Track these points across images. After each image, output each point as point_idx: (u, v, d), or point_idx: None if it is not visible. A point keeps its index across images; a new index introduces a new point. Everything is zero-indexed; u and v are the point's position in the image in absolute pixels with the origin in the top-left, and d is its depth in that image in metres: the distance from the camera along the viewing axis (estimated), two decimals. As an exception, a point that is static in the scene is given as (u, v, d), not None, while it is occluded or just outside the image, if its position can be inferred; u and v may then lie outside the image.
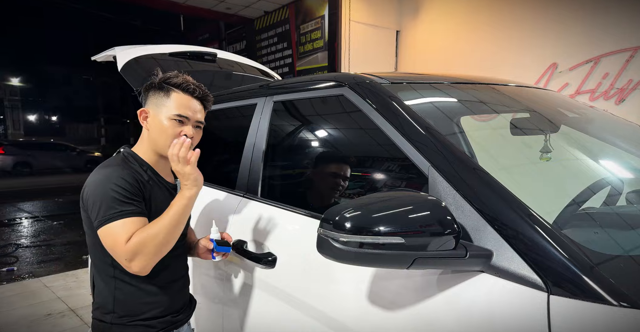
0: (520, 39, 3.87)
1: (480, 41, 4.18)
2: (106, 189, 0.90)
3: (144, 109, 1.03)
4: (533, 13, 3.78)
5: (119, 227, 0.88)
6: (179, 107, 1.00)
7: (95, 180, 0.94)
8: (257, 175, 1.27)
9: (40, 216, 6.02)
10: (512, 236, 0.65)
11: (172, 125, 0.99)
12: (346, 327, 0.83)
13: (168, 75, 1.03)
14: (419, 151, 0.83)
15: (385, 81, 1.09)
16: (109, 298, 0.97)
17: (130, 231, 0.88)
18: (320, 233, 0.70)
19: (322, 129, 1.31)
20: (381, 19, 4.89)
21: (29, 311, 2.70)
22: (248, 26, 6.36)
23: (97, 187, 0.92)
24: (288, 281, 1.00)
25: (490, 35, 4.09)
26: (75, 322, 2.52)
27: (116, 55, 1.98)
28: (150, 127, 1.01)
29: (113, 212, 0.88)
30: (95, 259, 0.99)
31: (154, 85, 1.03)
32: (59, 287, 3.11)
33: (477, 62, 4.18)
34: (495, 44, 4.05)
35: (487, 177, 0.74)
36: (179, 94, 1.01)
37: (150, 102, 1.02)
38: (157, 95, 1.02)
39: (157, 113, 1.01)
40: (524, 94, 1.29)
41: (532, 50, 3.78)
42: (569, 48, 3.56)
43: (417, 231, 0.65)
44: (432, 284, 0.72)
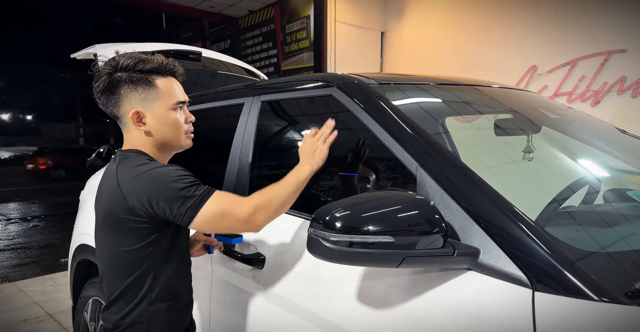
0: (503, 42, 3.97)
1: (463, 43, 4.26)
2: (175, 181, 0.81)
3: (135, 110, 0.88)
4: (515, 17, 3.89)
5: (222, 195, 0.83)
6: (174, 92, 0.90)
7: (156, 178, 0.81)
8: (244, 175, 1.26)
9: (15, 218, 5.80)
10: (498, 234, 0.66)
11: (178, 115, 0.91)
12: (336, 326, 0.84)
13: (135, 63, 0.87)
14: (407, 151, 0.84)
15: (373, 82, 1.10)
16: (144, 317, 0.86)
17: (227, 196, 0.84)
18: (311, 233, 0.70)
19: (310, 128, 1.31)
20: (366, 20, 4.93)
21: (3, 316, 2.59)
22: (232, 25, 6.29)
23: (166, 183, 0.81)
24: (277, 281, 0.99)
25: (473, 37, 4.19)
26: (53, 327, 2.43)
27: (97, 53, 1.92)
28: (151, 126, 0.89)
29: (200, 193, 0.81)
30: (127, 275, 0.86)
31: (125, 80, 0.86)
32: (35, 292, 3.00)
33: (461, 64, 4.27)
34: (478, 46, 4.15)
35: (473, 176, 0.75)
36: (163, 80, 0.89)
37: (134, 101, 0.87)
38: (137, 89, 0.87)
39: (153, 109, 0.88)
40: (507, 95, 1.32)
41: (514, 53, 3.89)
42: (548, 51, 3.68)
43: (406, 230, 0.65)
44: (421, 282, 0.73)
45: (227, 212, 0.83)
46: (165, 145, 0.93)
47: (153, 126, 0.90)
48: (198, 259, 1.24)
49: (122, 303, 0.87)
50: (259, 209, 0.83)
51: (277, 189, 0.88)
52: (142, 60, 0.88)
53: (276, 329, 0.97)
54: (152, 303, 0.87)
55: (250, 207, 0.83)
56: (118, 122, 0.93)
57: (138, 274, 0.86)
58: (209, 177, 1.49)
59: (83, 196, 1.92)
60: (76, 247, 1.80)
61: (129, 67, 0.87)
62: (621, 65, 3.31)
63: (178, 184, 0.81)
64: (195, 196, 0.81)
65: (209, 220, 0.82)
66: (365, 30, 4.94)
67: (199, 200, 0.81)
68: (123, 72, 0.87)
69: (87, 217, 1.80)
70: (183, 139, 0.95)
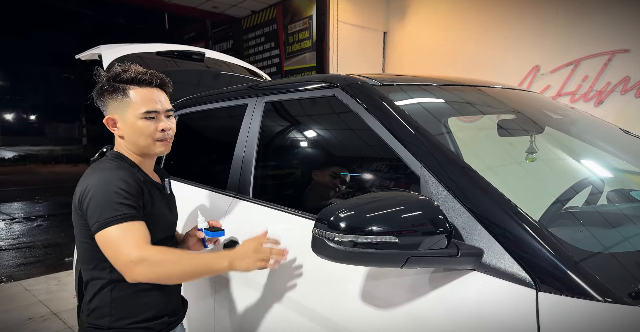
0: (505, 42, 3.97)
1: (465, 43, 4.26)
2: (108, 191, 0.86)
3: (109, 117, 0.96)
4: (517, 16, 3.88)
5: (129, 230, 0.84)
6: (144, 103, 0.94)
7: (95, 182, 0.88)
8: (248, 175, 1.27)
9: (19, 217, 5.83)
10: (502, 235, 0.67)
11: (146, 125, 0.94)
12: (340, 326, 0.84)
13: (115, 73, 0.95)
14: (410, 152, 0.85)
15: (377, 83, 1.10)
16: (106, 301, 0.93)
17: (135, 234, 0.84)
18: (315, 233, 0.71)
19: (314, 129, 1.32)
20: (369, 20, 4.93)
21: (8, 315, 2.61)
22: (235, 25, 6.31)
23: (98, 189, 0.87)
24: (281, 281, 1.00)
25: (475, 37, 4.18)
26: (58, 325, 2.45)
27: (102, 53, 1.94)
28: (123, 132, 0.96)
29: (116, 214, 0.84)
30: (88, 263, 0.94)
31: (106, 88, 0.95)
32: (40, 291, 3.02)
33: (462, 64, 4.26)
34: (481, 46, 4.14)
35: (477, 177, 0.75)
36: (137, 90, 0.95)
37: (112, 108, 0.96)
38: (114, 98, 0.95)
39: (124, 116, 0.95)
40: (510, 96, 1.32)
41: (516, 53, 3.88)
42: (551, 51, 3.67)
43: (410, 230, 0.66)
44: (425, 283, 0.73)
45: (117, 246, 0.84)
46: (138, 149, 0.98)
47: (125, 132, 0.97)
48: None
49: (90, 288, 0.94)
50: (145, 263, 0.82)
51: (181, 258, 0.86)
52: (124, 71, 0.95)
53: (279, 328, 0.98)
54: (113, 289, 0.92)
55: (137, 256, 0.82)
56: None
57: (97, 262, 0.92)
58: (214, 176, 1.50)
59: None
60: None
61: (112, 77, 0.95)
62: (625, 65, 3.30)
63: (112, 196, 0.86)
64: (112, 216, 0.84)
65: (103, 242, 0.85)
66: (367, 30, 4.94)
67: (111, 220, 0.84)
68: (109, 81, 0.96)
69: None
70: (154, 146, 0.98)
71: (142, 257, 0.82)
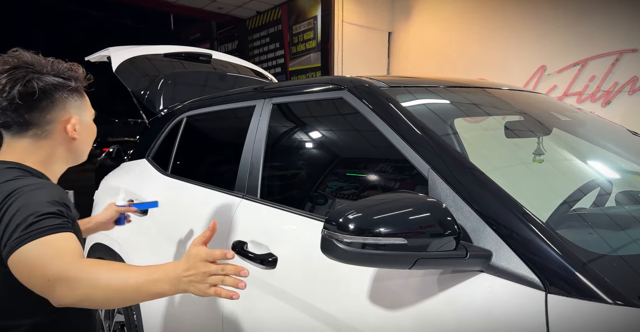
0: (511, 42, 3.95)
1: (471, 43, 4.25)
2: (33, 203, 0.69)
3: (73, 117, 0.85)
4: (523, 16, 3.86)
5: (55, 240, 0.67)
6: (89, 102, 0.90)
7: (17, 197, 0.70)
8: (256, 176, 1.28)
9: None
10: (510, 236, 0.67)
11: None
12: (348, 326, 0.85)
13: (63, 70, 0.84)
14: (418, 154, 0.85)
15: (384, 85, 1.11)
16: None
17: (68, 246, 0.68)
18: (325, 234, 0.71)
19: (321, 131, 1.33)
20: (373, 20, 4.93)
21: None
22: (240, 26, 6.33)
23: (19, 203, 0.69)
24: (289, 281, 1.01)
25: (481, 38, 4.17)
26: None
27: (111, 55, 1.96)
28: (80, 134, 0.87)
29: (47, 226, 0.67)
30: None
31: (63, 86, 0.83)
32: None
33: (468, 64, 4.25)
34: (486, 46, 4.13)
35: (485, 178, 0.76)
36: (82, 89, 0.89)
37: (71, 108, 0.85)
38: (73, 97, 0.86)
39: (82, 117, 0.88)
40: (517, 97, 1.33)
41: (522, 53, 3.86)
42: (557, 51, 3.65)
43: (419, 232, 0.67)
44: (433, 284, 0.74)
45: (42, 265, 0.65)
46: (76, 155, 0.92)
47: (80, 134, 0.90)
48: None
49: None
50: (68, 281, 0.64)
51: (110, 278, 0.66)
52: (70, 69, 0.88)
53: (288, 328, 0.99)
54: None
55: (60, 272, 0.64)
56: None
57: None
58: (221, 177, 1.52)
59: (97, 196, 1.95)
60: (91, 246, 1.84)
61: (67, 75, 0.87)
62: (632, 65, 3.27)
63: (39, 207, 0.69)
64: (21, 235, 0.66)
65: (29, 261, 0.65)
66: (372, 30, 4.94)
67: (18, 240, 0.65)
68: (70, 82, 0.88)
69: (101, 217, 1.83)
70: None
71: (61, 274, 0.64)
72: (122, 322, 1.63)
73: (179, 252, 1.41)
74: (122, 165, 1.94)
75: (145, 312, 1.50)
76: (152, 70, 2.01)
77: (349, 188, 1.14)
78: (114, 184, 1.85)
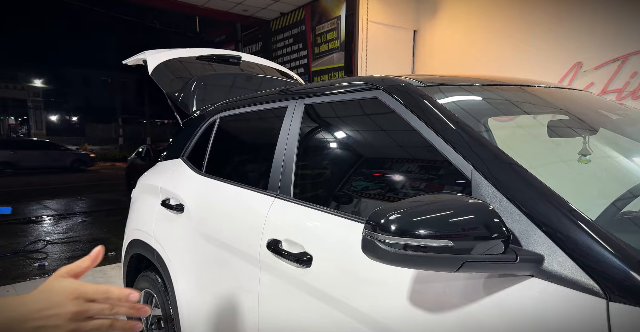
0: (543, 38, 3.80)
1: (500, 40, 4.12)
2: None
3: None
4: (556, 11, 3.71)
5: None
6: None
7: None
8: (289, 176, 1.29)
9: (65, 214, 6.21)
10: (564, 240, 0.65)
11: None
12: (386, 326, 0.84)
13: None
14: (460, 154, 0.83)
15: (420, 83, 1.09)
16: None
17: None
18: (366, 235, 0.71)
19: (354, 131, 1.33)
20: (398, 19, 4.87)
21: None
22: (264, 28, 6.41)
23: None
24: (325, 280, 1.01)
25: (511, 34, 4.03)
26: (103, 317, 2.60)
27: (146, 59, 2.03)
28: None
29: None
30: None
31: None
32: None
33: (497, 62, 4.12)
34: (516, 43, 3.99)
35: (534, 180, 0.73)
36: None
37: None
38: None
39: None
40: (559, 95, 1.27)
41: (556, 49, 3.71)
42: (594, 46, 3.48)
43: (465, 235, 0.65)
44: (478, 288, 0.72)
45: None
46: None
47: None
48: (245, 257, 1.29)
49: None
50: None
51: None
52: None
53: (324, 327, 0.99)
54: None
55: None
56: None
57: None
58: (255, 177, 1.54)
59: (135, 194, 2.03)
60: (129, 242, 1.91)
61: None
62: (679, 60, 3.08)
63: None
64: None
65: None
66: (397, 29, 4.88)
67: None
68: None
69: (140, 214, 1.90)
70: None
71: None
72: (158, 316, 1.69)
73: (213, 250, 1.44)
74: (158, 164, 2.01)
75: (182, 305, 1.54)
76: (184, 72, 2.07)
77: (383, 189, 1.13)
78: (151, 182, 1.91)
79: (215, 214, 1.50)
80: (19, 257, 3.98)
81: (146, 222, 1.80)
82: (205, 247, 1.47)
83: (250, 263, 1.27)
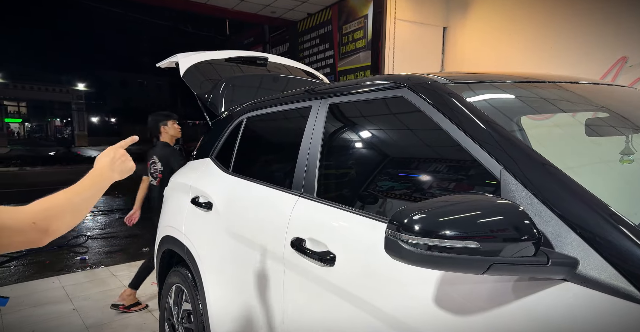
0: (583, 32, 3.59)
1: (535, 35, 3.93)
2: None
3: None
4: (597, 3, 3.49)
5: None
6: None
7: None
8: (313, 175, 1.30)
9: (104, 210, 6.57)
10: (601, 244, 0.61)
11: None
12: (410, 327, 0.83)
13: None
14: (489, 154, 0.81)
15: (447, 81, 1.06)
16: None
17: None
18: (388, 234, 0.70)
19: (379, 130, 1.31)
20: (427, 16, 4.77)
21: (100, 296, 2.98)
22: (291, 29, 6.48)
23: None
24: (348, 280, 1.01)
25: (548, 28, 3.84)
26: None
27: (178, 61, 2.11)
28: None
29: None
30: None
31: None
32: (124, 276, 3.39)
33: (533, 58, 3.94)
34: (554, 38, 3.79)
35: (568, 180, 0.70)
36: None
37: None
38: None
39: None
40: (599, 92, 1.20)
41: (598, 43, 3.49)
42: (641, 39, 3.25)
43: (493, 236, 0.63)
44: (507, 291, 0.69)
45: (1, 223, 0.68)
46: None
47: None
48: (269, 255, 1.31)
49: None
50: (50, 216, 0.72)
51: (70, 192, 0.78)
52: None
53: (348, 326, 0.99)
54: None
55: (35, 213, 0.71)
56: None
57: None
58: (279, 175, 1.56)
59: (167, 191, 2.12)
60: (161, 238, 2.00)
61: None
62: None
63: None
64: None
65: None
66: (426, 26, 4.78)
67: None
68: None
69: (171, 211, 1.98)
70: None
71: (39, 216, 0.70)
72: (188, 311, 1.75)
73: (240, 247, 1.48)
74: (188, 163, 2.08)
75: (210, 301, 1.59)
76: (214, 74, 2.13)
77: (409, 189, 1.11)
78: (182, 180, 1.99)
79: (242, 212, 1.53)
80: (63, 251, 4.25)
81: (177, 219, 1.87)
82: (232, 245, 1.51)
83: (275, 261, 1.29)
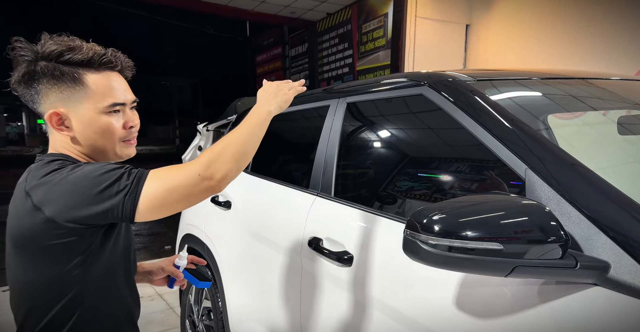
0: (615, 26, 3.42)
1: (563, 32, 3.78)
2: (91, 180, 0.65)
3: (54, 111, 0.69)
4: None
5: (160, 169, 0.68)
6: (110, 92, 0.72)
7: (63, 186, 0.65)
8: (330, 175, 1.29)
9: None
10: (636, 247, 0.58)
11: (111, 121, 0.72)
12: (429, 330, 0.81)
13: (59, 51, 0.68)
14: (513, 153, 0.78)
15: (470, 78, 1.04)
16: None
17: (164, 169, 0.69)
18: (407, 235, 0.69)
19: (398, 129, 1.30)
20: (449, 13, 4.67)
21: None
22: (310, 29, 6.49)
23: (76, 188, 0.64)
24: (366, 280, 1.00)
25: (577, 24, 3.68)
26: (162, 305, 2.80)
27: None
28: (76, 131, 0.71)
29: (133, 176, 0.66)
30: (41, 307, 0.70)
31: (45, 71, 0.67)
32: (146, 273, 3.48)
33: (561, 55, 3.79)
34: (583, 34, 3.63)
35: (599, 181, 0.66)
36: (98, 75, 0.71)
37: (57, 99, 0.69)
38: (61, 86, 0.69)
39: (77, 110, 0.70)
40: (632, 88, 1.14)
41: (631, 38, 3.32)
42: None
43: (517, 238, 0.61)
44: (532, 295, 0.67)
45: (174, 183, 0.66)
46: (97, 154, 0.75)
47: (79, 131, 0.71)
48: (287, 254, 1.32)
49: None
50: (212, 161, 0.68)
51: (229, 136, 0.74)
52: (72, 49, 0.69)
53: (365, 326, 0.98)
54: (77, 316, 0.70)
55: (199, 165, 0.67)
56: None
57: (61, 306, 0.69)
58: (296, 175, 1.57)
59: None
60: (182, 236, 2.04)
61: (53, 56, 0.68)
62: None
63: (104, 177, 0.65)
64: (128, 183, 0.65)
65: (155, 201, 0.65)
66: (448, 24, 4.68)
67: (134, 185, 0.65)
68: (45, 62, 0.68)
69: (192, 209, 2.02)
70: (119, 148, 0.76)
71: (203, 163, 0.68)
72: (208, 308, 1.78)
73: (258, 246, 1.49)
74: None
75: (229, 298, 1.61)
76: None
77: (429, 189, 1.09)
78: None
79: (260, 211, 1.55)
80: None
81: (197, 218, 1.91)
82: (251, 243, 1.53)
83: (292, 260, 1.29)
